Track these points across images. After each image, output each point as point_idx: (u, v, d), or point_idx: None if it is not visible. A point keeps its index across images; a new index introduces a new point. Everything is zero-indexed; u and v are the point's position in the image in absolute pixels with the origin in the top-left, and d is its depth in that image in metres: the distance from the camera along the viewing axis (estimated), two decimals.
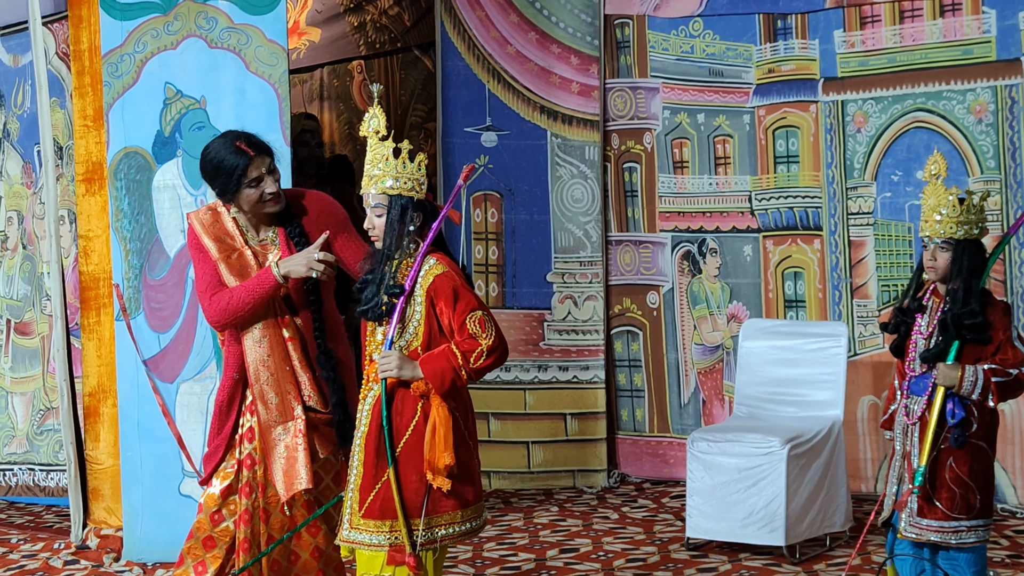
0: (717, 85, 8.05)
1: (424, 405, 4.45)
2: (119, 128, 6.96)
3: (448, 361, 4.41)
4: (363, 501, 4.49)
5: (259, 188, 5.02)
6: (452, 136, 8.36)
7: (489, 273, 8.35)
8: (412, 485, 4.44)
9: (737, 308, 8.02)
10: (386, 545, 4.46)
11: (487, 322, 4.46)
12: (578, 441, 8.30)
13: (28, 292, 8.33)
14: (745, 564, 6.50)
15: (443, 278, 4.45)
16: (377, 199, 4.51)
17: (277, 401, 5.05)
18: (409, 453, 4.45)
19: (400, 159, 4.49)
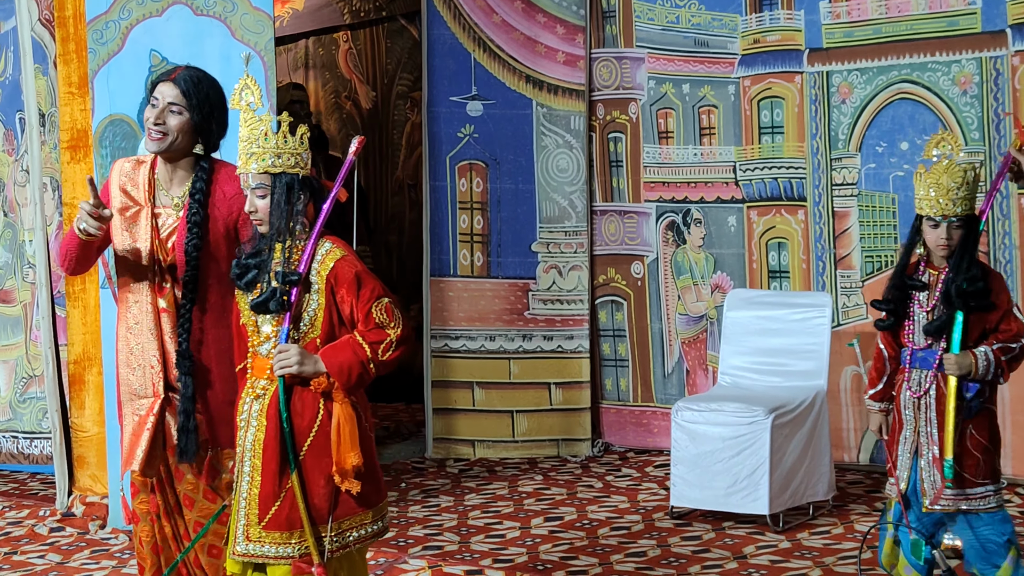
0: (702, 55, 8.05)
1: (326, 403, 4.14)
2: (104, 95, 6.94)
3: (355, 354, 4.10)
4: (264, 512, 4.15)
5: (151, 111, 4.54)
6: (437, 105, 8.35)
7: (474, 242, 8.35)
8: (320, 490, 4.13)
9: (721, 278, 8.04)
10: (294, 556, 4.14)
11: (395, 310, 4.17)
12: (562, 410, 8.32)
13: (9, 260, 8.31)
14: (729, 532, 6.54)
15: (344, 263, 4.14)
16: (259, 179, 4.13)
17: (137, 375, 4.61)
18: (314, 456, 4.12)
19: (280, 133, 4.14)
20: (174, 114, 4.54)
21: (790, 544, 6.32)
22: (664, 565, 6.06)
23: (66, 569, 6.35)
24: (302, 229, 4.16)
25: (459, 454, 8.32)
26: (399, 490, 7.56)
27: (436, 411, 8.37)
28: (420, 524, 6.85)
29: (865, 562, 5.75)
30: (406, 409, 9.84)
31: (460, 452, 8.33)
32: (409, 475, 7.93)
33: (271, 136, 4.13)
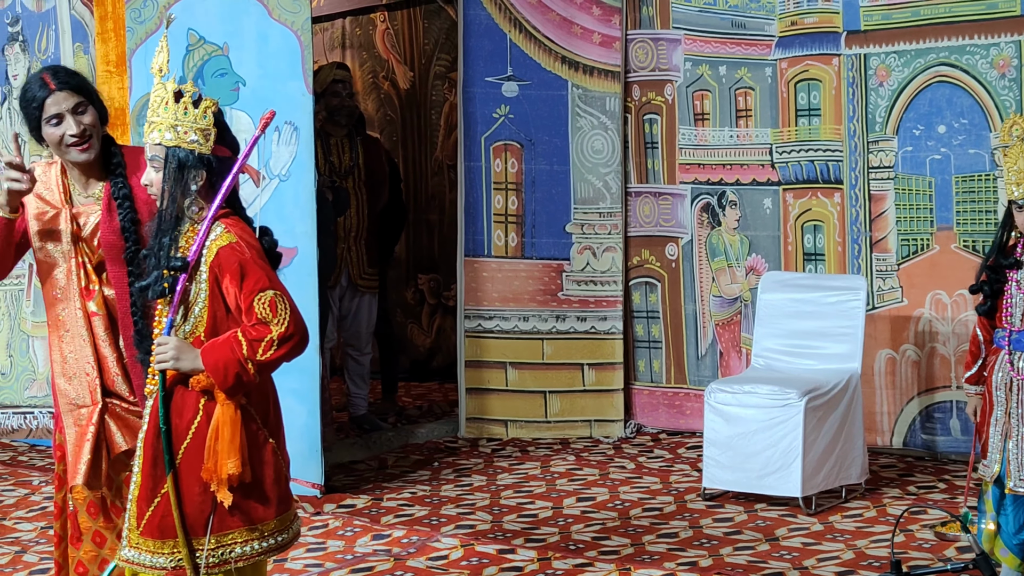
0: (739, 37, 8.03)
1: (207, 403, 3.85)
2: (142, 74, 6.97)
3: (232, 351, 3.76)
4: (141, 516, 3.88)
5: (59, 128, 4.35)
6: (473, 86, 8.35)
7: (508, 223, 8.36)
8: (195, 498, 3.83)
9: (756, 260, 8.02)
10: (168, 568, 3.86)
11: (280, 304, 3.80)
12: (595, 391, 8.33)
13: None
14: (761, 514, 6.54)
15: (228, 250, 3.81)
16: (154, 150, 3.85)
17: (73, 383, 4.44)
18: (191, 460, 3.83)
19: (182, 104, 3.83)
20: (83, 114, 4.39)
21: (822, 527, 6.31)
22: (696, 546, 6.07)
23: None
24: (199, 209, 3.90)
25: (492, 434, 8.35)
26: (431, 469, 7.59)
27: (469, 391, 8.39)
28: (453, 503, 6.88)
29: (898, 545, 5.75)
30: (439, 388, 9.87)
31: (493, 432, 8.35)
32: (442, 454, 7.96)
33: (171, 106, 3.84)
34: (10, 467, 7.95)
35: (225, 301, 3.87)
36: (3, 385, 8.53)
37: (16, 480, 7.65)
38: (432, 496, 7.02)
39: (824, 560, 5.82)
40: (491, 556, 6.01)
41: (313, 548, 6.14)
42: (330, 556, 6.07)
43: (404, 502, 6.91)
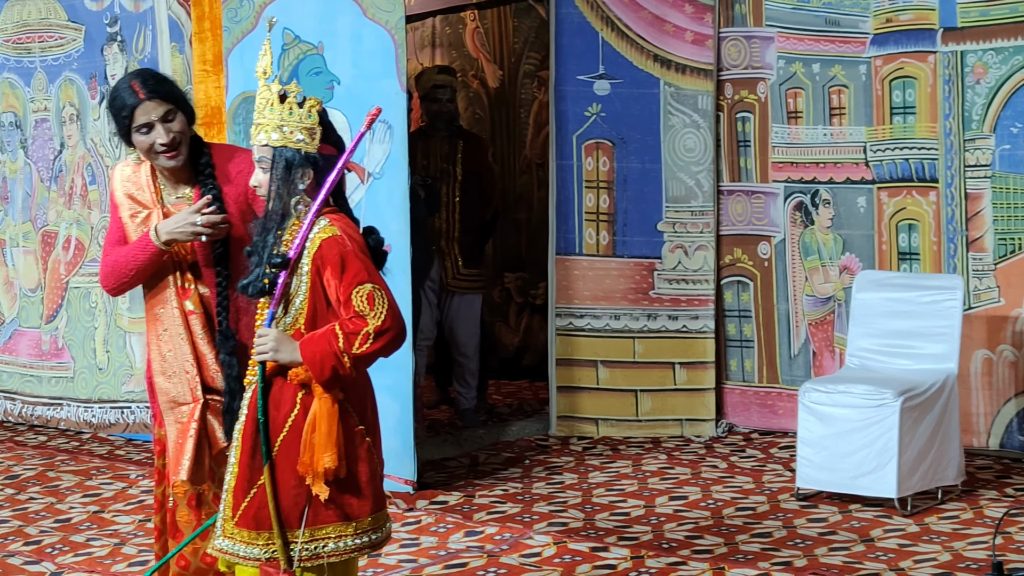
0: (833, 35, 7.96)
1: (304, 397, 3.88)
2: (238, 73, 7.06)
3: (329, 344, 3.79)
4: (237, 506, 3.92)
5: (149, 136, 4.45)
6: (565, 84, 8.36)
7: (600, 222, 8.36)
8: (290, 491, 3.87)
9: (849, 260, 7.96)
10: (262, 559, 3.89)
11: (378, 298, 3.82)
12: (686, 390, 8.31)
13: None
14: (855, 515, 6.49)
15: (330, 243, 3.85)
16: (261, 152, 3.91)
17: (173, 381, 4.52)
18: (287, 453, 3.86)
19: (287, 104, 3.89)
20: (171, 122, 4.46)
21: (918, 528, 6.26)
22: (790, 546, 6.04)
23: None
24: (304, 208, 3.94)
25: (583, 432, 8.35)
26: (523, 467, 7.61)
27: (560, 389, 8.40)
28: (544, 500, 6.89)
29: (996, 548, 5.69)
30: (530, 387, 9.89)
31: (584, 430, 8.35)
32: (533, 452, 7.98)
33: (276, 107, 3.90)
34: (108, 461, 8.08)
35: (326, 294, 3.89)
36: (101, 380, 8.67)
37: (114, 474, 7.77)
38: (524, 493, 7.04)
39: (921, 562, 5.77)
40: (584, 554, 6.02)
41: (406, 544, 6.18)
42: (423, 552, 6.11)
43: (496, 499, 6.93)
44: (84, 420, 8.76)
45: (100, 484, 7.55)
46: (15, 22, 9.05)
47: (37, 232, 9.08)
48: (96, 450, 8.38)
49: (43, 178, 9.04)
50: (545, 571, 5.81)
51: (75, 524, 6.79)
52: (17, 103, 9.15)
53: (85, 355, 8.76)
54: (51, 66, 8.94)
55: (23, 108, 9.13)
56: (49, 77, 8.95)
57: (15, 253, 9.23)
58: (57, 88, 8.92)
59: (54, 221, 8.97)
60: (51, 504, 7.17)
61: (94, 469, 7.89)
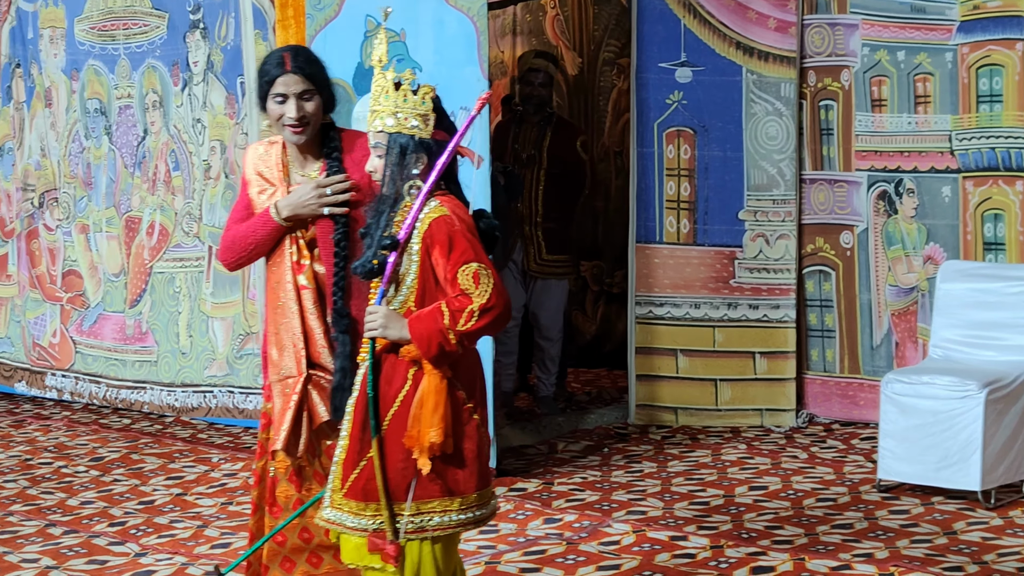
0: (919, 22, 7.87)
1: (416, 373, 3.97)
2: None
3: (436, 322, 3.88)
4: (346, 478, 4.02)
5: (282, 107, 4.54)
6: (646, 72, 8.33)
7: (681, 210, 8.33)
8: (398, 464, 3.96)
9: (933, 250, 7.87)
10: (369, 529, 3.99)
11: (483, 276, 3.90)
12: (766, 380, 8.26)
13: None
14: (938, 508, 6.43)
15: (439, 222, 3.95)
16: (376, 138, 4.01)
17: (283, 354, 4.59)
18: (397, 427, 3.96)
19: (401, 92, 3.99)
20: (307, 101, 4.56)
21: (1002, 521, 6.19)
22: (871, 538, 5.99)
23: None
24: (417, 192, 4.01)
25: (661, 421, 8.33)
26: (601, 455, 7.61)
27: (639, 377, 8.38)
28: (623, 489, 6.88)
29: None
30: (608, 375, 9.87)
31: (663, 419, 8.33)
32: (612, 440, 7.97)
33: (391, 94, 4.00)
34: (190, 444, 8.16)
35: (435, 273, 3.98)
36: (184, 364, 8.76)
37: (196, 457, 7.85)
38: (603, 482, 7.04)
39: (1005, 555, 5.71)
40: (663, 543, 6.00)
41: (485, 531, 6.19)
42: (502, 539, 6.12)
43: (575, 487, 6.93)
44: (167, 404, 8.85)
45: (183, 467, 7.63)
46: (100, 10, 9.15)
47: (121, 218, 9.18)
48: (179, 433, 8.47)
49: (127, 164, 9.13)
50: (624, 559, 5.80)
51: (158, 506, 6.86)
52: (102, 90, 9.25)
53: (168, 339, 8.85)
54: (135, 53, 9.03)
55: (107, 95, 9.22)
56: (132, 64, 9.04)
57: (98, 238, 9.33)
58: (140, 75, 9.00)
59: (138, 207, 9.06)
60: (135, 486, 7.26)
61: (177, 452, 7.98)
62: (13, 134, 9.88)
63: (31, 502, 7.01)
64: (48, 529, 6.51)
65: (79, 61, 9.34)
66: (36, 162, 9.70)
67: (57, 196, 9.56)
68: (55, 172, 9.57)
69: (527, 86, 8.48)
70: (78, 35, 9.31)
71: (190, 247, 8.78)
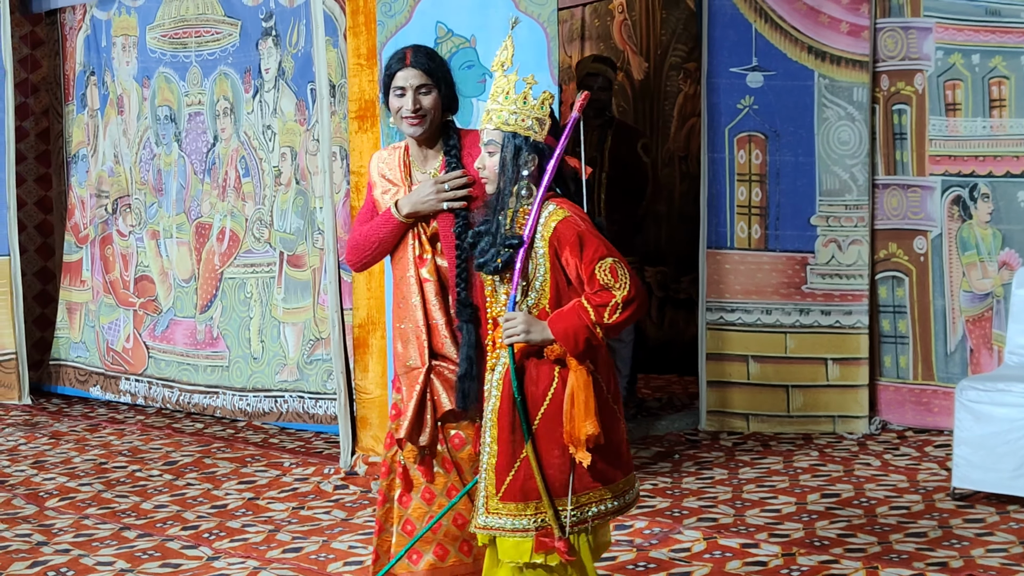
0: (994, 25, 7.79)
1: (562, 371, 4.08)
2: None
3: (579, 318, 4.00)
4: (500, 483, 4.12)
5: (400, 100, 4.66)
6: (717, 76, 8.29)
7: (752, 215, 8.28)
8: (555, 461, 4.07)
9: (1009, 255, 7.79)
10: (532, 529, 4.08)
11: (620, 270, 4.02)
12: (839, 386, 8.19)
13: (301, 226, 8.59)
14: (1014, 516, 6.35)
15: (565, 224, 4.05)
16: (491, 135, 4.11)
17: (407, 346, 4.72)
18: (549, 426, 4.07)
19: (521, 95, 4.10)
20: (425, 95, 4.67)
21: None
22: (946, 547, 5.92)
23: (350, 525, 6.56)
24: (528, 193, 4.11)
25: (733, 427, 8.28)
26: (672, 462, 7.57)
27: (710, 384, 8.34)
28: (694, 496, 6.85)
29: None
30: (678, 381, 9.83)
31: (734, 425, 8.29)
32: (682, 447, 7.93)
33: (511, 95, 4.11)
34: (262, 449, 8.21)
35: (565, 272, 4.09)
36: (255, 370, 8.82)
37: (268, 461, 7.89)
38: (673, 488, 7.01)
39: None
40: (734, 550, 5.97)
41: None
42: None
43: (645, 493, 6.91)
44: (239, 408, 8.91)
45: (255, 471, 7.67)
46: (173, 18, 9.24)
47: (191, 223, 9.26)
48: (251, 438, 8.52)
49: (196, 171, 9.21)
50: (695, 566, 5.77)
51: (231, 510, 6.91)
52: (172, 97, 9.34)
53: (240, 344, 8.91)
54: (206, 60, 9.11)
55: (177, 102, 9.31)
56: (204, 71, 9.12)
57: (169, 244, 9.42)
58: (212, 82, 9.08)
59: (208, 213, 9.14)
60: (208, 490, 7.31)
61: (249, 456, 8.03)
62: (88, 141, 9.99)
63: (106, 505, 7.08)
64: (123, 532, 6.57)
65: (150, 69, 9.44)
66: (110, 168, 9.81)
67: (129, 202, 9.66)
68: (127, 179, 9.67)
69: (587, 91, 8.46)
70: (150, 43, 9.41)
71: (261, 253, 8.84)
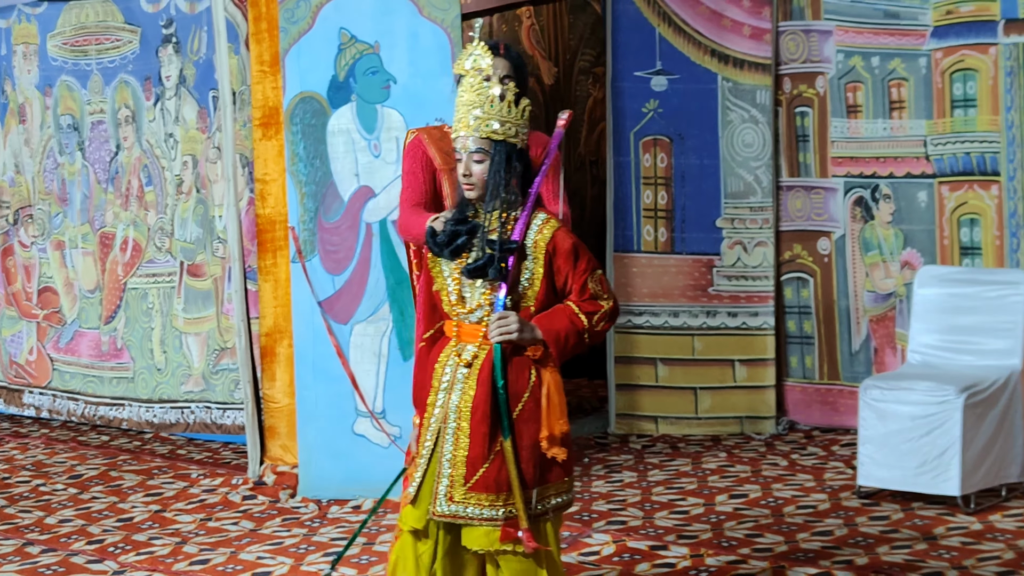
0: (892, 27, 7.89)
1: (538, 370, 4.22)
2: (295, 73, 7.07)
3: (572, 323, 4.18)
4: (472, 473, 4.21)
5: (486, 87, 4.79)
6: (622, 80, 8.32)
7: (658, 218, 8.32)
8: (527, 455, 4.21)
9: (911, 255, 7.89)
10: (500, 520, 4.21)
11: (607, 282, 4.27)
12: (746, 388, 8.25)
13: (200, 235, 8.52)
14: (918, 513, 6.43)
15: (562, 234, 4.21)
16: (480, 143, 4.19)
17: None
18: (523, 422, 4.21)
19: (506, 103, 4.20)
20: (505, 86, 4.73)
21: (982, 526, 6.19)
22: (851, 545, 5.98)
23: (259, 536, 6.51)
24: (515, 199, 4.23)
25: (642, 430, 8.32)
26: (583, 465, 7.59)
27: (619, 387, 8.37)
28: (604, 499, 6.87)
29: None
30: (588, 384, 9.86)
31: (643, 428, 8.32)
32: (592, 450, 7.95)
33: (497, 103, 4.20)
34: (169, 460, 8.12)
35: (552, 279, 4.23)
36: (160, 380, 8.72)
37: (175, 473, 7.81)
38: (583, 492, 7.02)
39: (984, 560, 5.70)
40: (643, 552, 5.99)
41: None
42: None
43: None
44: (145, 420, 8.81)
45: (162, 483, 7.59)
46: (73, 25, 9.11)
47: (95, 233, 9.14)
48: (158, 450, 8.43)
49: (100, 180, 9.10)
50: (604, 569, 5.79)
51: (137, 523, 6.83)
52: (75, 105, 9.22)
53: (144, 356, 8.82)
54: (107, 68, 8.99)
55: (80, 111, 9.19)
56: (105, 79, 9.00)
57: (74, 255, 9.30)
58: (113, 90, 8.97)
59: (111, 222, 9.03)
60: (113, 503, 7.22)
61: (155, 468, 7.94)
62: None
63: (9, 521, 6.97)
64: (26, 548, 6.47)
65: (52, 77, 9.31)
66: (10, 179, 9.66)
67: (32, 212, 9.52)
68: (29, 188, 9.53)
69: None
70: (51, 51, 9.28)
71: (162, 262, 8.75)
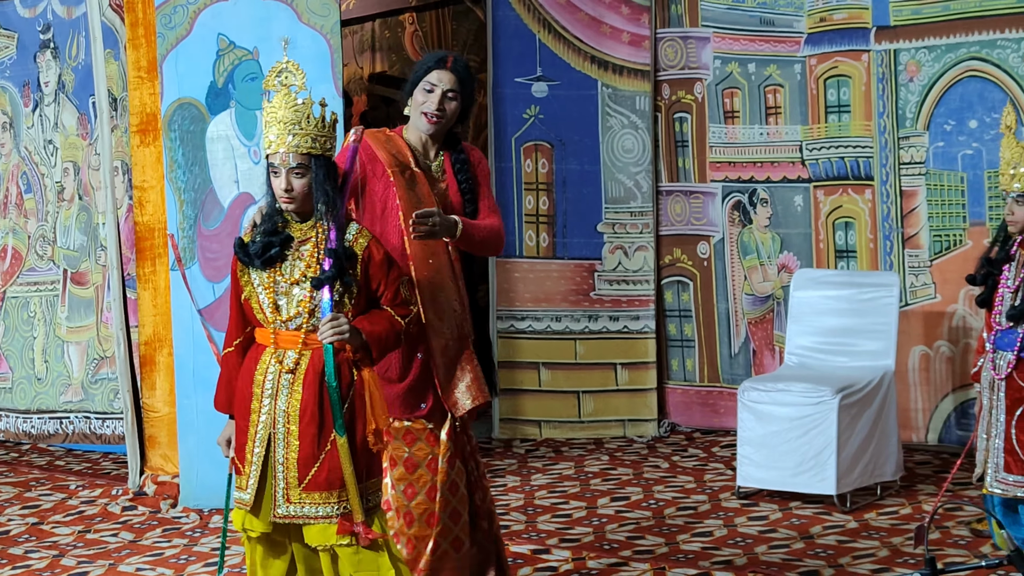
0: (768, 34, 8.01)
1: (358, 370, 4.34)
2: (173, 79, 7.01)
3: (391, 326, 4.35)
4: (304, 474, 4.30)
5: (428, 96, 4.85)
6: (503, 87, 8.36)
7: (540, 223, 8.37)
8: (357, 451, 4.32)
9: (788, 258, 8.01)
10: (335, 515, 4.30)
11: (413, 288, 4.51)
12: (628, 391, 8.33)
13: (84, 242, 8.42)
14: (796, 512, 6.53)
15: (376, 244, 4.38)
16: (299, 159, 4.26)
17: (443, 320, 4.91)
18: (351, 419, 4.32)
19: (320, 118, 4.29)
20: (450, 100, 4.88)
21: (857, 524, 6.30)
22: (731, 545, 6.06)
23: (138, 547, 6.44)
24: (327, 210, 4.31)
25: (525, 434, 8.35)
26: None
27: (502, 391, 8.39)
28: None
29: (933, 542, 5.73)
30: None
31: (526, 432, 8.36)
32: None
33: (312, 119, 4.27)
34: (47, 472, 8.01)
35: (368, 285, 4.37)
36: (39, 391, 8.60)
37: (54, 485, 7.70)
38: None
39: (859, 558, 5.80)
40: (526, 556, 6.01)
41: None
42: None
43: None
44: (23, 431, 8.68)
45: (39, 495, 7.48)
46: None
47: None
48: (36, 461, 8.31)
49: None
50: None
51: (13, 536, 6.72)
52: None
53: (23, 365, 8.69)
54: None
55: None
56: None
57: None
58: None
59: None
60: None
61: (33, 480, 7.82)
62: None
63: None
64: None
65: None
66: None
67: None
68: None
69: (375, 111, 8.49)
70: None
71: (44, 271, 8.63)
